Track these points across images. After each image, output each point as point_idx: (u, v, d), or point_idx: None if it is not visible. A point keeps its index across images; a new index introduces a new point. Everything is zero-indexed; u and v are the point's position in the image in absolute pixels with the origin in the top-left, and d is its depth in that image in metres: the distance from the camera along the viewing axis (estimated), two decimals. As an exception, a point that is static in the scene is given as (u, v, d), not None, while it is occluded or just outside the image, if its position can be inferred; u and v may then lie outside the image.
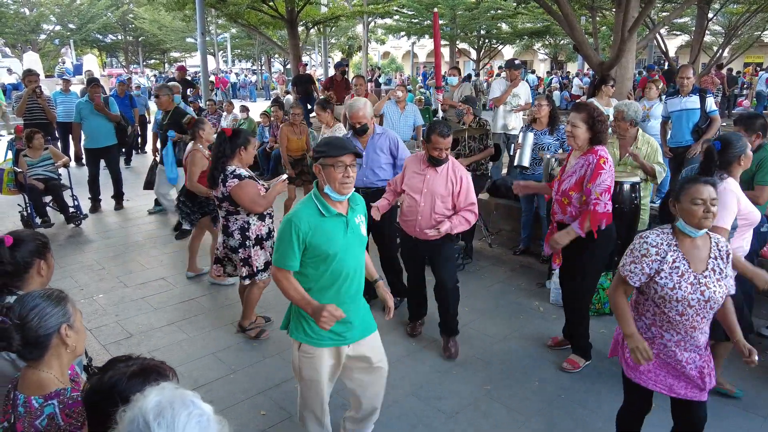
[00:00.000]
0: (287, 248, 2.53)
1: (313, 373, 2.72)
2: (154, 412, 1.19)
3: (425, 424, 3.38)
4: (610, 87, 6.70)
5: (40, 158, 7.00)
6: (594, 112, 3.56)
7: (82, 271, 5.75)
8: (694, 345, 2.50)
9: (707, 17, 14.23)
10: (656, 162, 4.64)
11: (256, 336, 4.35)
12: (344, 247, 2.59)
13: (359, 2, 21.94)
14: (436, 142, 3.74)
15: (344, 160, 2.50)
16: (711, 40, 23.94)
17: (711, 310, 2.43)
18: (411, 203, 3.94)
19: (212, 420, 1.25)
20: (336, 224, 2.58)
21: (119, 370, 1.53)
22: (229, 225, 4.15)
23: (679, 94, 6.38)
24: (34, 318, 1.78)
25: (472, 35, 26.66)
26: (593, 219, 3.50)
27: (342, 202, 2.62)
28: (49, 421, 1.78)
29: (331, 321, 2.47)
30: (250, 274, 4.18)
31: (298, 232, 2.50)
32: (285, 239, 2.54)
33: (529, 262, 5.97)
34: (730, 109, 17.21)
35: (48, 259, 2.36)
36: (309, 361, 2.70)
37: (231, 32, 33.83)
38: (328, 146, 2.55)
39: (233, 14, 14.34)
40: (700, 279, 2.40)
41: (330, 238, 2.55)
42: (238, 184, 3.95)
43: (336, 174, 2.49)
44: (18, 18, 30.08)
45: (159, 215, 7.81)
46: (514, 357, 4.12)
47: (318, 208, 2.56)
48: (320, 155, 2.54)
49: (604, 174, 3.48)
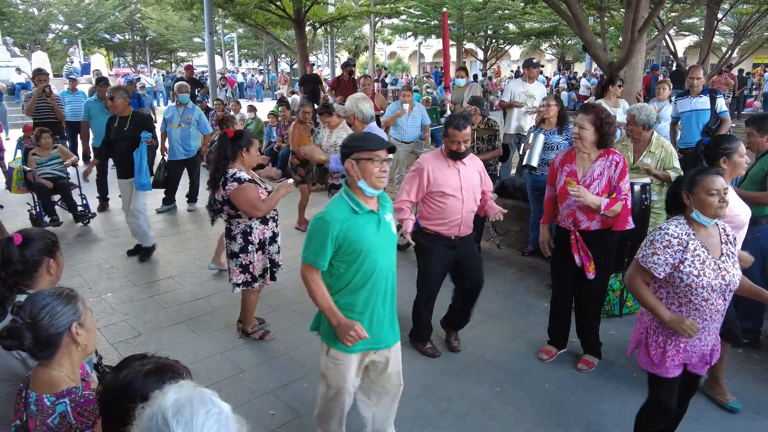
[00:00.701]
0: (320, 246, 2.49)
1: (340, 380, 2.69)
2: (173, 409, 1.19)
3: (434, 425, 3.36)
4: (617, 87, 6.63)
5: (48, 157, 7.03)
6: (602, 114, 3.53)
7: (90, 269, 5.76)
8: (715, 328, 2.63)
9: (717, 17, 14.13)
10: (671, 167, 4.59)
11: (261, 338, 4.34)
12: (376, 244, 2.56)
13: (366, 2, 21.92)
14: (453, 135, 3.70)
15: (380, 154, 2.51)
16: (720, 40, 23.79)
17: (730, 292, 2.56)
18: (451, 203, 3.78)
19: (231, 419, 1.24)
20: (368, 221, 2.56)
21: (134, 369, 1.52)
22: (232, 229, 4.04)
23: (689, 95, 6.32)
24: (45, 317, 1.78)
25: (479, 35, 26.61)
26: (624, 212, 3.61)
27: (373, 199, 2.60)
28: (61, 419, 1.78)
29: (355, 341, 2.49)
30: (246, 282, 4.09)
31: (332, 230, 2.46)
32: (318, 237, 2.49)
33: (537, 263, 5.94)
34: (739, 110, 17.12)
35: (57, 257, 2.36)
36: (337, 367, 2.67)
37: (238, 32, 33.89)
38: (364, 141, 2.57)
39: (240, 14, 14.37)
40: (719, 264, 2.51)
41: (362, 236, 2.52)
42: (237, 187, 3.82)
43: (372, 168, 2.49)
44: (27, 18, 30.29)
45: (167, 214, 7.84)
46: (523, 358, 4.09)
47: (350, 205, 2.53)
48: (355, 150, 2.53)
49: (628, 174, 3.64)
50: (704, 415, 3.44)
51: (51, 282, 2.32)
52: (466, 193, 3.82)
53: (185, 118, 7.62)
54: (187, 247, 6.47)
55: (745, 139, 4.44)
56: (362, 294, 2.58)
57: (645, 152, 4.63)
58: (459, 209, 3.80)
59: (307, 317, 4.63)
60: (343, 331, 2.48)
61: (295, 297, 5.00)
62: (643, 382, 3.70)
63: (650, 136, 4.65)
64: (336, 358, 2.65)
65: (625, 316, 4.65)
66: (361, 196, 2.55)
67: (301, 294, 5.10)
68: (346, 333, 2.46)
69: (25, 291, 2.22)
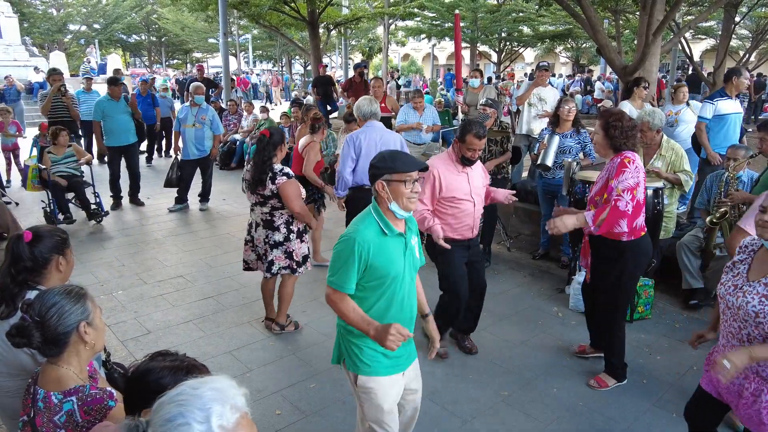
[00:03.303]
0: (348, 269, 2.35)
1: (378, 411, 2.47)
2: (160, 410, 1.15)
3: (441, 428, 3.34)
4: (642, 89, 6.57)
5: (63, 155, 7.11)
6: (611, 117, 3.44)
7: (102, 267, 5.82)
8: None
9: (734, 21, 13.95)
10: (681, 170, 4.55)
11: (296, 328, 4.52)
12: (402, 269, 2.44)
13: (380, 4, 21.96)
14: (471, 142, 3.67)
15: (413, 176, 2.39)
16: (737, 44, 23.51)
17: (744, 320, 2.27)
18: (464, 207, 3.80)
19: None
20: (397, 244, 2.43)
21: (156, 362, 1.59)
22: (275, 220, 4.22)
23: (725, 96, 6.02)
24: (54, 316, 1.79)
25: (493, 38, 26.51)
26: (611, 215, 3.30)
27: (401, 221, 2.48)
28: (68, 417, 1.79)
29: (399, 340, 2.26)
30: (291, 267, 4.28)
31: (361, 252, 2.33)
32: (346, 259, 2.35)
33: (548, 266, 5.90)
34: (756, 114, 16.88)
35: (67, 255, 2.37)
36: (369, 397, 2.46)
37: (253, 33, 34.11)
38: (394, 161, 2.41)
39: (255, 15, 14.47)
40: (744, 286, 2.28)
41: (391, 259, 2.39)
42: (287, 181, 4.06)
43: (404, 190, 2.37)
44: (46, 18, 30.72)
45: (179, 213, 7.89)
46: (532, 363, 4.07)
47: (380, 226, 2.40)
48: (386, 171, 2.39)
49: (627, 172, 3.31)
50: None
51: (61, 279, 2.34)
52: (477, 197, 3.85)
53: (199, 118, 7.68)
54: (198, 246, 6.51)
55: (758, 144, 4.40)
56: (386, 320, 2.41)
57: (655, 156, 4.59)
58: (472, 212, 3.83)
59: (316, 318, 4.67)
60: (383, 336, 2.26)
61: (303, 299, 5.01)
62: (651, 389, 3.67)
63: (660, 139, 4.61)
64: (365, 387, 2.45)
65: (636, 322, 4.60)
66: (391, 217, 2.42)
67: (309, 296, 5.11)
68: (387, 336, 2.24)
69: (36, 287, 2.24)
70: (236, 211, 7.99)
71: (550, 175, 5.58)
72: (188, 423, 1.09)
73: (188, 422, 1.09)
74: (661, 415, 3.47)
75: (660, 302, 4.94)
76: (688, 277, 4.80)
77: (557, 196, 5.63)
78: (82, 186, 7.15)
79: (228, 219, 7.64)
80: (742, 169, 4.57)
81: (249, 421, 1.18)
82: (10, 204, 7.72)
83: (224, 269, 5.77)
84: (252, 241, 4.36)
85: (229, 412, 1.13)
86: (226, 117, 11.53)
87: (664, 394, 3.66)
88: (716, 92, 6.26)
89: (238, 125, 11.49)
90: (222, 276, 5.59)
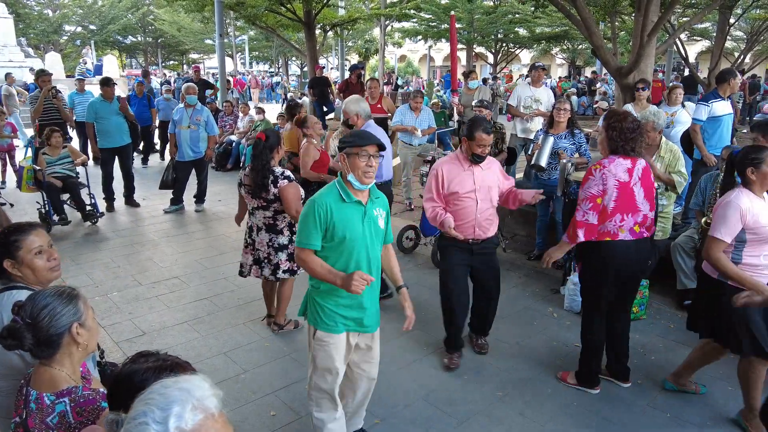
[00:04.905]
0: (311, 228, 2.66)
1: (329, 362, 2.79)
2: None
3: (437, 429, 3.34)
4: (641, 91, 6.64)
5: (58, 156, 7.09)
6: (612, 118, 3.43)
7: (97, 268, 5.80)
8: None
9: (729, 22, 14.00)
10: (677, 171, 4.56)
11: (295, 327, 4.53)
12: (359, 234, 2.69)
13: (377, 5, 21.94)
14: (481, 139, 3.71)
15: (368, 150, 2.64)
16: (732, 45, 23.60)
17: None
18: (466, 204, 3.83)
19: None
20: (354, 211, 2.70)
21: (139, 364, 1.57)
22: (278, 223, 4.24)
23: (718, 97, 6.02)
24: (45, 318, 1.78)
25: (490, 39, 26.55)
26: (571, 225, 3.44)
27: (363, 192, 2.73)
28: (60, 418, 1.78)
29: (362, 284, 2.53)
30: (291, 270, 4.30)
31: (320, 213, 2.63)
32: (308, 220, 2.67)
33: (543, 267, 5.90)
34: (751, 116, 16.93)
35: (19, 258, 2.19)
36: (323, 348, 2.78)
37: (249, 34, 34.06)
38: (354, 137, 2.72)
39: (251, 16, 14.41)
40: None
41: (348, 222, 2.67)
42: (288, 184, 4.08)
43: (359, 162, 2.63)
44: (41, 19, 30.60)
45: (174, 214, 7.88)
46: (527, 363, 4.07)
47: (339, 193, 2.69)
48: (347, 145, 2.68)
49: (591, 181, 3.36)
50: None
51: (33, 277, 2.21)
52: (480, 194, 3.84)
53: (194, 119, 7.67)
54: (193, 248, 6.50)
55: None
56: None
57: (654, 156, 4.60)
58: (473, 210, 3.83)
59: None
60: (348, 283, 2.54)
61: (297, 301, 5.00)
62: (646, 389, 3.68)
63: (659, 139, 4.63)
64: (322, 339, 2.77)
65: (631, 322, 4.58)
66: (350, 187, 2.70)
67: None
68: (351, 284, 2.52)
69: (18, 284, 2.20)
70: (232, 212, 7.96)
71: (545, 176, 5.59)
72: (147, 423, 1.08)
73: (147, 422, 1.08)
74: (655, 415, 3.47)
75: (655, 303, 4.96)
76: (682, 278, 4.81)
77: (552, 197, 5.64)
78: (77, 187, 7.13)
79: (223, 220, 7.63)
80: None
81: (221, 422, 1.15)
82: (5, 205, 7.69)
83: (219, 270, 5.76)
84: (253, 244, 4.35)
85: (189, 413, 1.10)
86: (222, 118, 11.52)
87: (659, 395, 3.67)
88: (710, 94, 6.26)
89: (234, 126, 11.48)
90: (217, 277, 5.58)
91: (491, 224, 3.94)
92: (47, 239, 2.29)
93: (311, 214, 2.65)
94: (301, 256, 2.71)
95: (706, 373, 3.84)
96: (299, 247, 2.71)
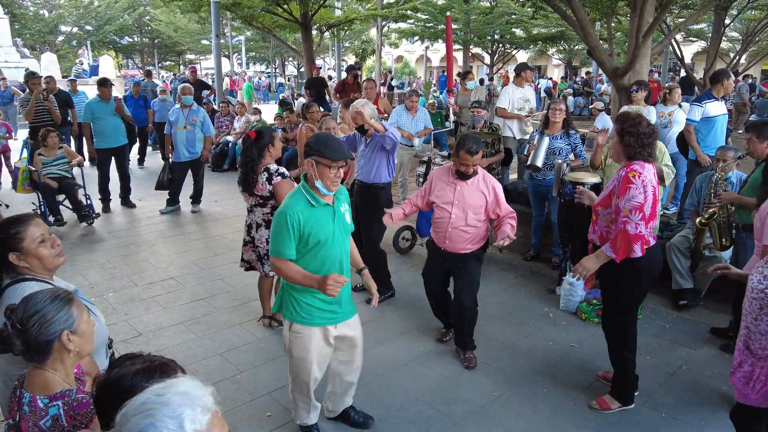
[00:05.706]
0: (284, 238, 2.73)
1: (303, 353, 2.90)
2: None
3: (435, 429, 3.35)
4: (637, 92, 6.68)
5: (54, 157, 7.08)
6: (626, 123, 3.23)
7: (93, 269, 5.79)
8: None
9: (724, 23, 14.05)
10: (664, 164, 4.65)
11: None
12: (332, 234, 2.82)
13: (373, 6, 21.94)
14: (464, 158, 3.72)
15: (339, 163, 2.73)
16: (728, 46, 23.67)
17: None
18: (442, 215, 3.92)
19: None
20: (324, 213, 2.81)
21: (125, 367, 1.55)
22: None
23: (714, 98, 6.00)
24: (34, 325, 1.75)
25: (486, 40, 26.57)
26: (623, 241, 3.10)
27: (329, 195, 2.84)
28: (54, 422, 1.76)
29: (337, 287, 2.62)
30: None
31: (293, 223, 2.71)
32: (281, 231, 2.74)
33: (539, 267, 5.92)
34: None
35: (23, 250, 2.19)
36: (299, 340, 2.89)
37: (246, 35, 34.01)
38: (326, 147, 2.74)
39: (248, 17, 14.40)
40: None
41: (320, 226, 2.77)
42: (282, 181, 4.11)
43: (329, 173, 2.73)
44: (37, 19, 30.51)
45: (170, 215, 7.86)
46: (523, 363, 4.08)
47: (308, 199, 2.77)
48: (316, 154, 2.73)
49: (633, 189, 3.07)
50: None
51: (40, 266, 2.23)
52: (456, 210, 3.85)
53: (190, 120, 7.66)
54: (189, 248, 6.49)
55: (746, 145, 4.44)
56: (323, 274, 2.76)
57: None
58: (446, 221, 3.90)
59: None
60: (323, 284, 2.63)
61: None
62: (641, 389, 3.68)
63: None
64: (297, 332, 2.88)
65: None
66: (317, 192, 2.78)
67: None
68: (326, 285, 2.61)
69: (27, 276, 2.20)
70: (228, 212, 7.97)
71: (540, 177, 5.60)
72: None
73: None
74: (651, 414, 3.48)
75: (650, 302, 4.97)
76: (677, 278, 4.83)
77: (548, 198, 5.66)
78: (72, 188, 7.11)
79: (220, 221, 7.62)
80: (731, 170, 4.60)
81: (220, 419, 1.17)
82: (0, 206, 7.68)
83: (216, 271, 5.75)
84: (252, 241, 4.36)
85: (201, 414, 1.11)
86: (218, 119, 11.50)
87: (654, 394, 3.68)
88: (703, 94, 6.26)
89: (231, 127, 11.46)
90: (213, 278, 5.58)
91: (464, 241, 3.86)
92: (46, 228, 2.31)
93: (283, 225, 2.72)
94: (276, 264, 2.79)
95: (702, 372, 3.86)
96: (274, 257, 2.78)
